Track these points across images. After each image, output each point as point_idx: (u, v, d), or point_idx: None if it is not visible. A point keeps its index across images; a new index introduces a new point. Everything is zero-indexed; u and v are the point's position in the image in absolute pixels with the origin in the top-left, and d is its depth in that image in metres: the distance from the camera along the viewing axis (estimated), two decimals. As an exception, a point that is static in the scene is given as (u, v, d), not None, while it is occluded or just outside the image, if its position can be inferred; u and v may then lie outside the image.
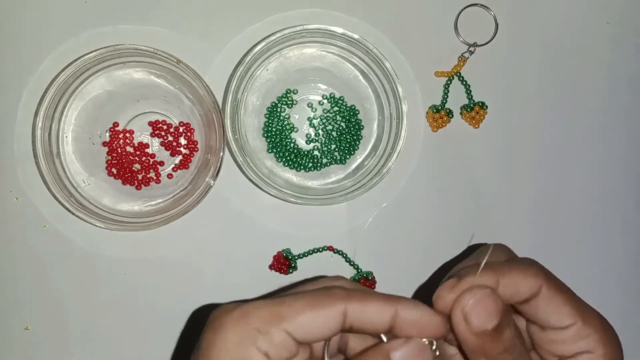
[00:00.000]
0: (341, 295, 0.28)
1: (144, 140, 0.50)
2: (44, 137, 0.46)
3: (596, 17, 0.53)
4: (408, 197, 0.51)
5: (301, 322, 0.28)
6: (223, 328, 0.28)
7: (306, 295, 0.29)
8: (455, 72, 0.51)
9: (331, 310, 0.28)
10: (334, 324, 0.28)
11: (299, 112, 0.51)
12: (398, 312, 0.29)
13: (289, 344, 0.28)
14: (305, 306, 0.28)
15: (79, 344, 0.49)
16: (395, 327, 0.29)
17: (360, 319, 0.28)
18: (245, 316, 0.28)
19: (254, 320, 0.28)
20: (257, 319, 0.28)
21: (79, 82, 0.48)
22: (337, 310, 0.28)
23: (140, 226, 0.46)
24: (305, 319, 0.28)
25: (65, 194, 0.46)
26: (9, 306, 0.49)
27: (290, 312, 0.28)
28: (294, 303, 0.28)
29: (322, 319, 0.28)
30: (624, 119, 0.53)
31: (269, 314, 0.28)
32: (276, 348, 0.27)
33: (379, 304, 0.29)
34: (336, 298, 0.28)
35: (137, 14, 0.49)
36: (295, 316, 0.28)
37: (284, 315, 0.28)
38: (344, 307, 0.28)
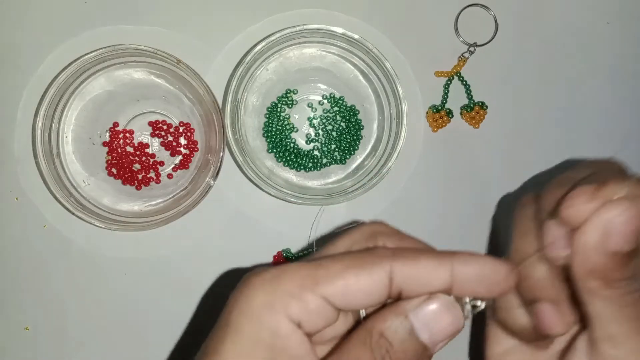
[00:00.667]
0: (386, 255, 0.25)
1: (144, 140, 0.50)
2: (44, 137, 0.46)
3: (596, 17, 0.53)
4: (408, 197, 0.51)
5: (341, 286, 0.24)
6: (250, 289, 0.25)
7: (346, 257, 0.25)
8: (455, 72, 0.51)
9: (376, 272, 0.25)
10: (380, 288, 0.25)
11: (299, 112, 0.51)
12: (455, 269, 0.25)
13: (327, 311, 0.25)
14: (345, 268, 0.25)
15: (79, 344, 0.49)
16: (455, 288, 0.25)
17: (411, 281, 0.25)
18: (278, 278, 0.25)
19: (287, 282, 0.24)
20: (290, 281, 0.24)
21: (79, 82, 0.48)
22: (383, 272, 0.25)
23: (140, 226, 0.46)
24: (345, 282, 0.24)
25: (65, 194, 0.46)
26: (9, 306, 0.49)
27: (329, 275, 0.25)
28: (332, 265, 0.25)
29: (365, 282, 0.25)
30: (624, 119, 0.53)
31: (304, 277, 0.24)
32: (311, 315, 0.24)
33: (432, 262, 0.25)
34: (381, 258, 0.25)
35: (137, 14, 0.49)
36: (334, 279, 0.24)
37: (321, 278, 0.24)
38: (389, 268, 0.25)
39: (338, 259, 0.25)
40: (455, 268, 0.25)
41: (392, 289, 0.25)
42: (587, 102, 0.53)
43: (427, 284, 0.25)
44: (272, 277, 0.25)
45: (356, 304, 0.25)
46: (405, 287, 0.25)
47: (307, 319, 0.24)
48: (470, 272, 0.25)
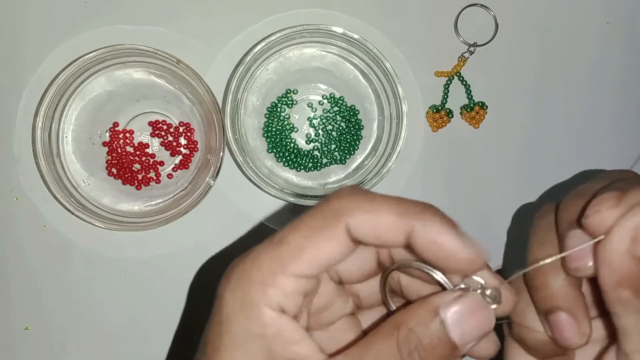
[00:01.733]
0: (340, 208, 0.24)
1: (144, 140, 0.50)
2: (44, 137, 0.46)
3: (596, 17, 0.53)
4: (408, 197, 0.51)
5: (306, 260, 0.24)
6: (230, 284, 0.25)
7: (302, 224, 0.25)
8: (455, 72, 0.51)
9: (334, 232, 0.24)
10: (343, 246, 0.24)
11: (299, 112, 0.51)
12: (415, 231, 0.24)
13: (302, 286, 0.25)
14: (305, 238, 0.24)
15: (79, 344, 0.49)
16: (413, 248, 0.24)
17: (368, 234, 0.24)
18: (248, 269, 0.25)
19: (257, 272, 0.24)
20: (260, 271, 0.24)
21: (79, 82, 0.48)
22: (341, 229, 0.24)
23: (140, 226, 0.46)
24: (309, 254, 0.24)
25: (65, 194, 0.46)
26: (9, 306, 0.49)
27: (292, 252, 0.24)
28: (292, 237, 0.25)
29: (327, 247, 0.24)
30: (624, 119, 0.53)
31: (271, 261, 0.24)
32: (290, 297, 0.24)
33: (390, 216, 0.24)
34: (335, 214, 0.24)
35: (137, 14, 0.49)
36: (298, 256, 0.24)
37: (286, 258, 0.24)
38: (346, 224, 0.24)
39: (295, 227, 0.25)
40: (415, 231, 0.24)
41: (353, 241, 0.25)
42: (587, 101, 0.53)
43: (383, 240, 0.25)
44: (244, 270, 0.25)
45: (326, 267, 0.25)
46: (363, 239, 0.25)
47: (288, 302, 0.24)
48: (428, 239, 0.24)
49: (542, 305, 0.28)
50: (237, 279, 0.25)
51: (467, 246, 0.24)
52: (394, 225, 0.24)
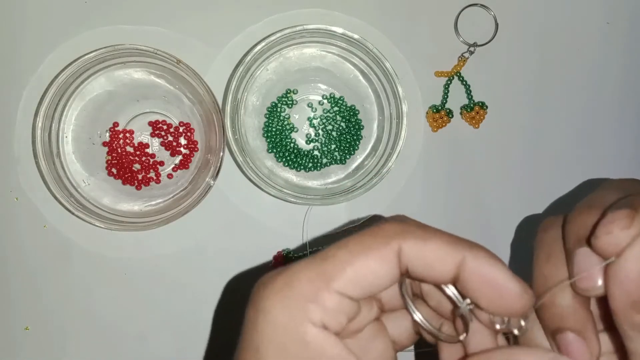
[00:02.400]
0: (393, 232, 0.24)
1: (144, 140, 0.50)
2: (44, 137, 0.46)
3: (596, 17, 0.53)
4: (408, 197, 0.51)
5: (352, 275, 0.23)
6: (266, 303, 0.24)
7: (351, 241, 0.24)
8: (455, 72, 0.51)
9: (383, 253, 0.23)
10: (390, 269, 0.24)
11: (299, 112, 0.51)
12: (466, 264, 0.23)
13: (346, 305, 0.24)
14: (352, 255, 0.23)
15: (79, 344, 0.49)
16: (461, 281, 0.24)
17: (418, 262, 0.24)
18: (288, 284, 0.24)
19: (299, 287, 0.23)
20: (302, 285, 0.23)
21: (79, 82, 0.48)
22: (391, 251, 0.23)
23: (140, 226, 0.46)
24: (354, 271, 0.23)
25: (65, 194, 0.46)
26: (9, 306, 0.49)
27: (336, 267, 0.23)
28: (338, 254, 0.24)
29: (374, 266, 0.23)
30: (625, 119, 0.53)
31: (315, 276, 0.23)
32: (332, 314, 0.23)
33: (443, 245, 0.23)
34: (387, 236, 0.24)
35: (137, 14, 0.49)
36: (342, 271, 0.23)
37: (331, 273, 0.23)
38: (397, 247, 0.23)
39: (342, 245, 0.24)
40: (466, 262, 0.23)
41: (402, 268, 0.24)
42: (587, 101, 0.53)
43: (434, 270, 0.24)
44: (284, 285, 0.24)
45: (371, 290, 0.24)
46: (412, 267, 0.24)
47: (330, 318, 0.23)
48: (480, 273, 0.23)
49: (550, 324, 0.28)
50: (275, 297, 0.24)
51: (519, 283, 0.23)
52: (446, 254, 0.24)
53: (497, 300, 0.23)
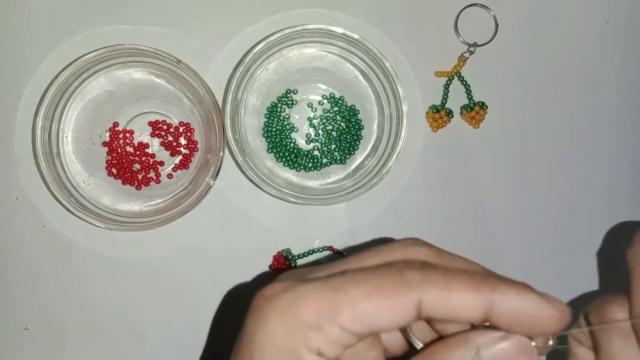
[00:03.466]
0: (416, 281, 0.23)
1: (144, 140, 0.50)
2: (44, 137, 0.46)
3: (596, 17, 0.53)
4: (408, 197, 0.51)
5: (360, 317, 0.22)
6: (267, 320, 0.23)
7: (369, 279, 0.23)
8: (455, 72, 0.51)
9: (401, 302, 0.22)
10: (405, 316, 0.23)
11: (299, 112, 0.51)
12: (495, 303, 0.22)
13: (347, 339, 0.23)
14: (367, 295, 0.22)
15: (79, 344, 0.49)
16: (492, 320, 0.23)
17: (441, 310, 0.23)
18: (294, 306, 0.23)
19: (304, 312, 0.23)
20: (307, 311, 0.23)
21: (79, 82, 0.48)
22: (410, 302, 0.22)
23: (140, 226, 0.46)
24: (365, 313, 0.22)
25: (65, 194, 0.46)
26: (9, 306, 0.49)
27: (347, 303, 0.23)
28: (352, 290, 0.23)
29: (388, 311, 0.22)
30: (625, 119, 0.53)
31: (321, 306, 0.23)
32: (330, 344, 0.23)
33: (468, 292, 0.22)
34: (408, 285, 0.22)
35: (137, 14, 0.49)
36: (352, 309, 0.22)
37: (340, 307, 0.23)
38: (419, 297, 0.22)
39: (360, 281, 0.23)
40: (495, 302, 0.22)
41: (421, 315, 0.23)
42: (587, 101, 0.53)
43: (460, 317, 0.23)
44: (289, 305, 0.23)
45: (377, 330, 0.23)
46: (435, 315, 0.23)
47: (328, 348, 0.23)
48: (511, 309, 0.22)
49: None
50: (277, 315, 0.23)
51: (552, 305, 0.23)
52: (473, 301, 0.22)
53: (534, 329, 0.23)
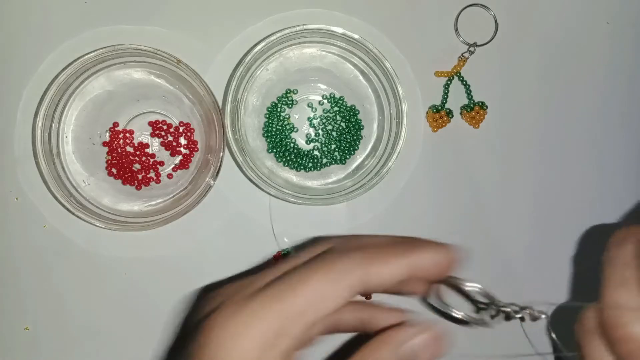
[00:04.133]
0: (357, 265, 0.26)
1: (144, 140, 0.50)
2: (44, 137, 0.46)
3: (596, 17, 0.53)
4: (408, 197, 0.51)
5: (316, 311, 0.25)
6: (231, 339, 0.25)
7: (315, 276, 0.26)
8: (455, 72, 0.51)
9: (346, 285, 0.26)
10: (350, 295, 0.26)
11: (299, 112, 0.51)
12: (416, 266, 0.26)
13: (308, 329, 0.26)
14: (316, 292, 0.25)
15: (79, 344, 0.49)
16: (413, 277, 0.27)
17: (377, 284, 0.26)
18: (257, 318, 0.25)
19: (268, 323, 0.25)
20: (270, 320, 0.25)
21: (79, 82, 0.48)
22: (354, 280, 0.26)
23: (140, 226, 0.46)
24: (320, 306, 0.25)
25: (65, 194, 0.46)
26: (9, 306, 0.49)
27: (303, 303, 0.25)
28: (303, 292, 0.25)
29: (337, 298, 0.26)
30: (624, 119, 0.53)
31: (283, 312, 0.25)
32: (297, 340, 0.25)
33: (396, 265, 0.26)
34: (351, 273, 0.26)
35: (137, 14, 0.49)
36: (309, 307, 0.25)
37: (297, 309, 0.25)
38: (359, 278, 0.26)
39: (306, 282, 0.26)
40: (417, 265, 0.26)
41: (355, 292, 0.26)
42: (587, 101, 0.53)
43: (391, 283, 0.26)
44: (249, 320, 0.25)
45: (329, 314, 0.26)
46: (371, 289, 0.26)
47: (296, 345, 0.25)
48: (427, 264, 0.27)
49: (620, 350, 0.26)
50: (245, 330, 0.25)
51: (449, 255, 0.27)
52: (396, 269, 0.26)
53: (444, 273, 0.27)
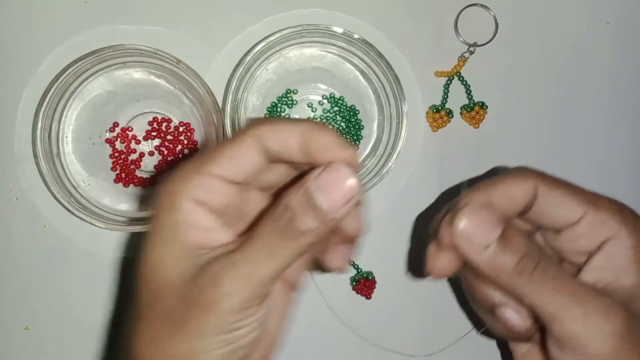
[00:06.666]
0: (255, 124, 0.28)
1: (144, 140, 0.50)
2: (44, 137, 0.46)
3: (596, 17, 0.53)
4: (408, 197, 0.51)
5: (222, 160, 0.28)
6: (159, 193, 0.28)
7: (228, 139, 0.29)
8: (455, 72, 0.51)
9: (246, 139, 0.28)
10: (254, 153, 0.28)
11: (299, 112, 0.51)
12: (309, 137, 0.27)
13: (220, 187, 0.28)
14: (222, 145, 0.28)
15: (79, 344, 0.49)
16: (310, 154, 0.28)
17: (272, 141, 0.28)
18: (176, 174, 0.28)
19: (179, 174, 0.28)
20: (181, 172, 0.28)
21: (79, 82, 0.48)
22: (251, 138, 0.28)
23: (140, 226, 0.46)
24: (225, 155, 0.28)
25: (65, 194, 0.46)
26: (9, 306, 0.49)
27: (210, 154, 0.28)
28: (215, 147, 0.28)
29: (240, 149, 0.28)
30: (624, 119, 0.53)
31: (191, 164, 0.28)
32: (206, 192, 0.28)
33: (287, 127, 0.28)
34: (251, 127, 0.28)
35: (137, 14, 0.49)
36: (215, 156, 0.28)
37: (205, 159, 0.28)
38: (259, 134, 0.28)
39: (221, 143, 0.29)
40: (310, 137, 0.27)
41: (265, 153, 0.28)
42: (587, 101, 0.53)
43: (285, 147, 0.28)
44: (176, 174, 0.28)
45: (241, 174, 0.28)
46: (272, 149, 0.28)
47: (207, 197, 0.28)
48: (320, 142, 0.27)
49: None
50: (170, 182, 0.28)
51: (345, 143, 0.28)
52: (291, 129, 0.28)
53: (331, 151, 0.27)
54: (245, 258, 0.27)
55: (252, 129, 0.28)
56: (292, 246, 0.27)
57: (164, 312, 0.27)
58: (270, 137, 0.28)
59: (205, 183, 0.28)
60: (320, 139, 0.27)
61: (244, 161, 0.28)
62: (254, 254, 0.27)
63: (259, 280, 0.26)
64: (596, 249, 0.30)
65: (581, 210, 0.29)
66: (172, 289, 0.27)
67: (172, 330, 0.27)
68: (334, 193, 0.26)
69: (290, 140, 0.27)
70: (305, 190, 0.26)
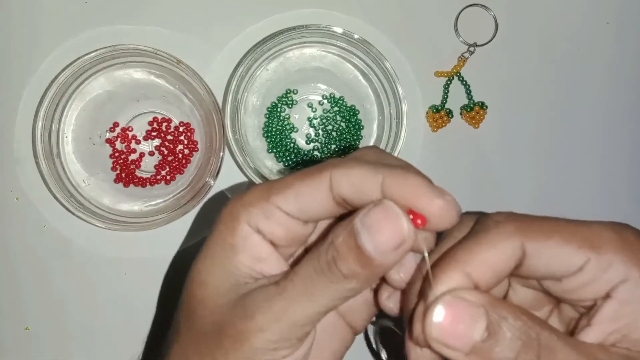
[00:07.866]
0: (328, 164, 0.26)
1: (144, 140, 0.50)
2: (44, 137, 0.46)
3: (596, 17, 0.53)
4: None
5: (290, 194, 0.26)
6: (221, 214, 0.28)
7: (299, 171, 0.27)
8: (455, 72, 0.51)
9: (318, 179, 0.26)
10: (324, 194, 0.26)
11: (299, 112, 0.51)
12: (385, 180, 0.25)
13: (283, 220, 0.27)
14: (294, 179, 0.27)
15: (79, 344, 0.49)
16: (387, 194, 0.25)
17: (345, 187, 0.25)
18: (240, 197, 0.27)
19: (246, 198, 0.27)
20: (249, 196, 0.27)
21: (79, 82, 0.48)
22: (324, 178, 0.26)
23: (140, 226, 0.46)
24: (294, 190, 0.26)
25: (65, 194, 0.46)
26: (9, 306, 0.49)
27: (280, 185, 0.27)
28: (284, 179, 0.27)
29: (310, 189, 0.26)
30: (624, 119, 0.53)
31: (261, 191, 0.27)
32: (268, 221, 0.27)
33: (364, 169, 0.25)
34: (323, 167, 0.26)
35: (137, 14, 0.49)
36: (284, 189, 0.26)
37: (274, 189, 0.27)
38: (329, 174, 0.26)
39: (291, 174, 0.27)
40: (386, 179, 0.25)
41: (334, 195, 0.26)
42: (587, 101, 0.53)
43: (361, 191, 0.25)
44: (235, 199, 0.28)
45: (307, 212, 0.27)
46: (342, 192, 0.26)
47: (267, 227, 0.27)
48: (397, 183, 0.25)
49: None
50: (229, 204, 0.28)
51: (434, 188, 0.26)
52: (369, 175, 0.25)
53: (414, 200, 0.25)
54: (281, 295, 0.25)
55: (329, 169, 0.26)
56: (333, 289, 0.24)
57: (198, 332, 0.27)
58: (345, 183, 0.25)
59: (269, 213, 0.26)
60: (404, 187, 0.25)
61: (312, 202, 0.26)
62: (289, 291, 0.25)
63: (293, 320, 0.25)
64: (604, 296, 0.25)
65: (582, 257, 0.25)
66: (211, 309, 0.26)
67: (201, 355, 0.26)
68: (380, 234, 0.24)
69: (366, 190, 0.25)
70: (352, 227, 0.24)
